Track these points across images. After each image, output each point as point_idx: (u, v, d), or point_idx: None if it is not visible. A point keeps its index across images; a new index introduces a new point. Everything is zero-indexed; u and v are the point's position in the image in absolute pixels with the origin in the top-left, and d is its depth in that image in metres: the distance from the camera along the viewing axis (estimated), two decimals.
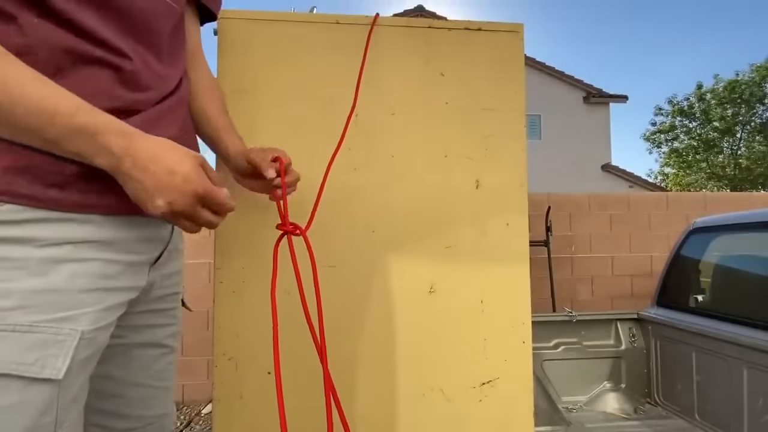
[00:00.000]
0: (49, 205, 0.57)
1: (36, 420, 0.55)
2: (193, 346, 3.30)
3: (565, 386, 2.42)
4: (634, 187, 13.31)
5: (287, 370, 1.00)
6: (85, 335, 0.59)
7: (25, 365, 0.54)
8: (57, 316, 0.57)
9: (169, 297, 0.81)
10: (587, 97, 13.83)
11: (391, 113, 1.06)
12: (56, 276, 0.57)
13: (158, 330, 0.80)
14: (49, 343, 0.56)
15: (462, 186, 1.08)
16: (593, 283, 3.95)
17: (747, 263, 2.25)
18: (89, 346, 0.60)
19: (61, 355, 0.56)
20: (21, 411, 0.54)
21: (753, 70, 19.27)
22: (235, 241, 1.00)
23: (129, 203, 0.63)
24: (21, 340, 0.54)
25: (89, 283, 0.60)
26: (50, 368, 0.56)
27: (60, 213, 0.58)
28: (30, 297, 0.55)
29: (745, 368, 1.89)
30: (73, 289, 0.58)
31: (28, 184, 0.56)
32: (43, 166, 0.57)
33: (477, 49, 1.10)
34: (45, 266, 0.57)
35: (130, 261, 0.67)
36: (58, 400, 0.57)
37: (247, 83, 1.02)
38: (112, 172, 0.59)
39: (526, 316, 1.08)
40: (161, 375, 0.81)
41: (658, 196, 4.28)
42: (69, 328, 0.57)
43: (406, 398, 1.03)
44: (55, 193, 0.58)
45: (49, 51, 0.57)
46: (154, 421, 0.80)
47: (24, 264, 0.55)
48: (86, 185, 0.60)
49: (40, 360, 0.55)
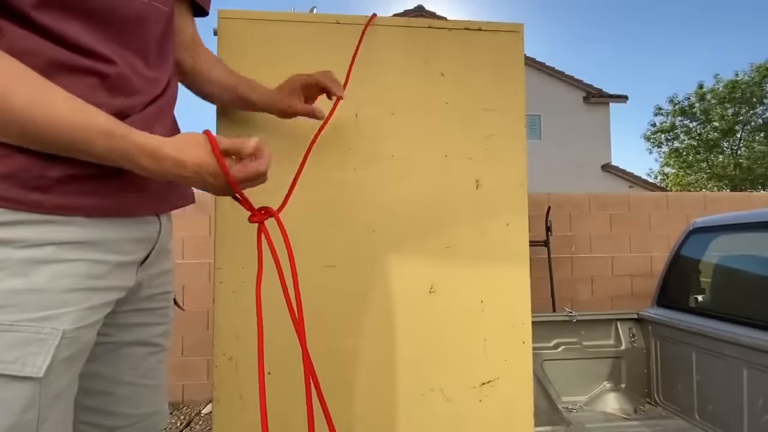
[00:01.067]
0: (30, 207, 0.58)
1: (18, 417, 0.56)
2: (193, 346, 3.30)
3: (565, 386, 2.42)
4: (634, 187, 13.31)
5: (285, 371, 1.00)
6: (67, 334, 0.60)
7: (5, 363, 0.55)
8: (38, 315, 0.58)
9: (158, 296, 0.82)
10: (587, 97, 13.83)
11: (391, 113, 1.06)
12: (37, 276, 0.58)
13: (147, 328, 0.81)
14: (30, 342, 0.57)
15: (462, 186, 1.08)
16: (593, 283, 3.95)
17: (747, 263, 2.25)
18: (72, 345, 0.61)
19: (41, 353, 0.58)
20: (3, 408, 0.56)
21: (753, 70, 19.28)
22: (235, 241, 1.00)
23: (113, 205, 0.66)
24: (1, 339, 0.55)
25: (73, 283, 0.61)
26: (31, 366, 0.57)
27: (41, 215, 0.59)
28: (10, 297, 0.56)
29: (745, 368, 1.89)
30: (56, 289, 0.59)
31: (10, 187, 0.57)
32: (28, 171, 0.58)
33: (477, 49, 1.10)
34: (26, 267, 0.58)
35: (117, 261, 0.68)
36: (39, 397, 0.58)
37: None
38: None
39: (526, 316, 1.08)
40: (150, 373, 0.82)
41: (658, 196, 4.28)
42: (50, 326, 0.58)
43: (406, 398, 1.03)
44: (36, 196, 0.59)
45: (34, 61, 0.58)
46: (142, 419, 0.81)
47: (4, 264, 0.56)
48: (70, 188, 0.61)
49: (20, 358, 0.56)
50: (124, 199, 0.68)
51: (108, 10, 0.65)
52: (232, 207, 1.01)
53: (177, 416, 3.21)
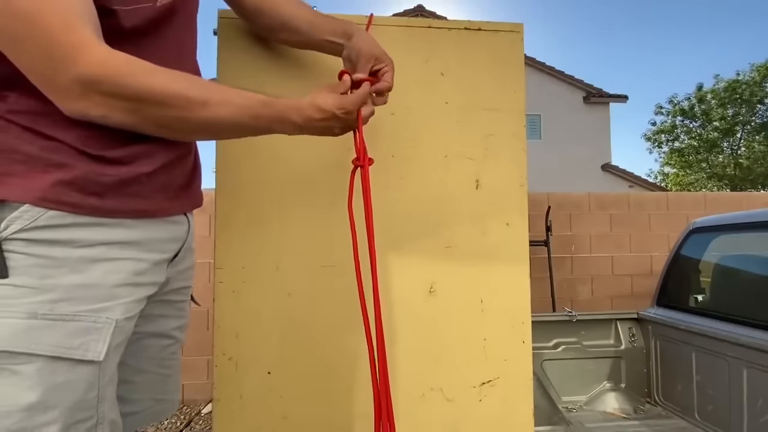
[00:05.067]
0: (87, 211, 0.66)
1: (83, 395, 0.64)
2: (193, 346, 3.30)
3: (565, 386, 2.42)
4: (634, 187, 13.31)
5: (288, 372, 1.00)
6: (118, 323, 0.68)
7: (72, 349, 0.63)
8: (95, 307, 0.65)
9: (180, 290, 0.89)
10: (587, 97, 13.82)
11: (391, 113, 1.06)
12: (92, 272, 0.66)
13: (168, 321, 0.87)
14: (90, 330, 0.65)
15: (462, 186, 1.08)
16: (593, 283, 3.95)
17: (747, 263, 2.25)
18: (120, 334, 0.69)
19: (101, 340, 0.65)
20: (71, 388, 0.63)
21: (753, 70, 19.26)
22: (235, 241, 1.00)
23: (154, 207, 0.74)
24: (67, 328, 0.63)
25: (122, 279, 0.69)
26: (93, 351, 0.65)
27: (94, 218, 0.67)
28: (71, 291, 0.64)
29: (745, 368, 1.89)
30: (108, 284, 0.67)
31: (73, 192, 0.64)
32: (86, 178, 0.65)
33: (477, 49, 1.10)
34: (83, 264, 0.65)
35: (155, 259, 0.75)
36: (99, 378, 0.66)
37: (247, 83, 1.02)
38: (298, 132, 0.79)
39: (526, 316, 1.08)
40: (164, 363, 0.88)
41: (658, 196, 4.28)
42: (106, 317, 0.66)
43: (406, 398, 1.03)
44: (94, 201, 0.66)
45: None
46: (152, 405, 0.87)
47: (65, 262, 0.64)
48: (121, 192, 0.69)
49: (83, 344, 0.64)
50: (161, 201, 0.75)
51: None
52: (233, 207, 1.01)
53: (177, 416, 3.21)
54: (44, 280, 0.62)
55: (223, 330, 0.99)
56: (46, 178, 0.63)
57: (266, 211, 1.00)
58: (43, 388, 0.61)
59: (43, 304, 0.61)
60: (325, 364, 1.02)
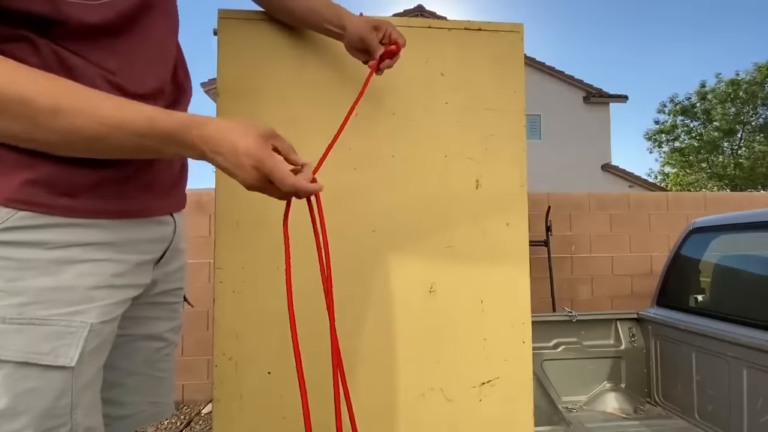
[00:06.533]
0: (59, 211, 0.63)
1: (53, 402, 0.62)
2: (193, 346, 3.30)
3: (565, 386, 2.42)
4: (634, 187, 13.31)
5: (288, 372, 1.00)
6: (93, 327, 0.65)
7: (41, 354, 0.60)
8: (68, 310, 0.63)
9: (170, 292, 0.87)
10: (587, 97, 13.82)
11: (391, 113, 1.06)
12: (66, 275, 0.63)
13: (159, 323, 0.85)
14: (62, 334, 0.62)
15: (462, 186, 1.08)
16: (593, 283, 3.95)
17: (747, 263, 2.25)
18: (97, 337, 0.66)
19: (73, 344, 0.63)
20: (40, 394, 0.61)
21: (755, 70, 19.26)
22: (235, 241, 1.00)
23: (134, 208, 0.71)
24: (37, 332, 0.60)
25: (98, 281, 0.66)
26: (64, 357, 0.62)
27: (69, 219, 0.64)
28: (42, 294, 0.61)
29: (745, 368, 1.89)
30: (82, 286, 0.64)
31: (41, 192, 0.62)
32: (58, 177, 0.62)
33: (477, 49, 1.10)
34: (55, 266, 0.63)
35: (136, 260, 0.73)
36: (72, 385, 0.63)
37: (247, 83, 1.02)
38: (205, 160, 0.64)
39: (526, 316, 1.08)
40: (157, 365, 0.86)
41: (658, 196, 4.28)
42: (79, 320, 0.63)
43: (406, 398, 1.03)
44: (66, 201, 0.63)
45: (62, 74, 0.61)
46: (146, 409, 0.85)
47: (35, 264, 0.61)
48: (95, 193, 0.66)
49: (54, 350, 0.61)
50: (143, 201, 0.73)
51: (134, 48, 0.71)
52: (233, 207, 1.01)
53: (177, 416, 3.21)
54: (13, 283, 0.60)
55: (223, 330, 0.99)
56: (15, 178, 0.60)
57: (266, 211, 1.00)
58: (12, 395, 0.59)
59: (11, 307, 0.59)
60: (325, 364, 1.02)
